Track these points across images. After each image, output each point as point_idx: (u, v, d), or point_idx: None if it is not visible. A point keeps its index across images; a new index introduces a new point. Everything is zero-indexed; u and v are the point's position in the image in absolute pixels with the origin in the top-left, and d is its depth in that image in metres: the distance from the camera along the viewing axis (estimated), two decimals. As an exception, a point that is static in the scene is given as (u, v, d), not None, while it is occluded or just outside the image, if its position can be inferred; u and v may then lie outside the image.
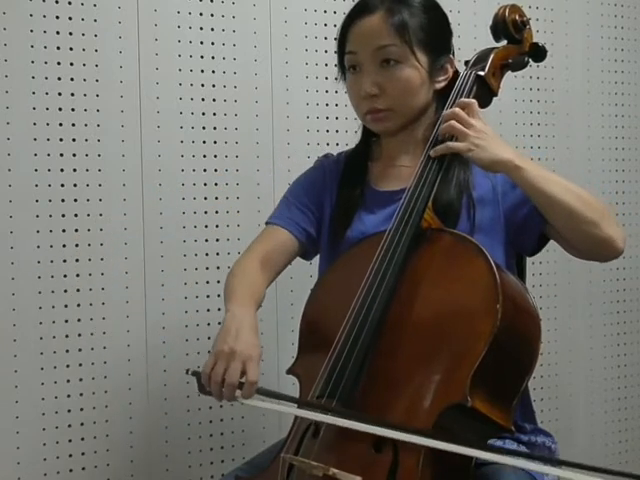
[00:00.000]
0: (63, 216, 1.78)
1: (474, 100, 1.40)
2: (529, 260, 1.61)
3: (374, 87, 1.45)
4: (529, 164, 1.32)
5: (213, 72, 1.91)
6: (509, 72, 1.54)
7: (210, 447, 1.93)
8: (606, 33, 2.37)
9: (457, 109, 1.36)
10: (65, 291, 1.78)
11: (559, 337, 2.31)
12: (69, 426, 1.79)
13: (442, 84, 1.50)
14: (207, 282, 1.91)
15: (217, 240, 1.91)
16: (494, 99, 1.51)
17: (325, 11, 2.03)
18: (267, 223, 1.57)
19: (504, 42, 1.53)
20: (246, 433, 1.96)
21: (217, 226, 1.92)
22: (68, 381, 1.79)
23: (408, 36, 1.43)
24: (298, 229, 1.55)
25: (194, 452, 1.91)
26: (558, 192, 1.31)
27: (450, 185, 1.43)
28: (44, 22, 1.75)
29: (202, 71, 1.90)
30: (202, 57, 1.90)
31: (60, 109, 1.77)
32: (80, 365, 1.79)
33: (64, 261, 1.78)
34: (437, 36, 1.48)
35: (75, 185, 1.79)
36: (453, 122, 1.34)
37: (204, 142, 1.91)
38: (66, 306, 1.78)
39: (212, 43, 1.91)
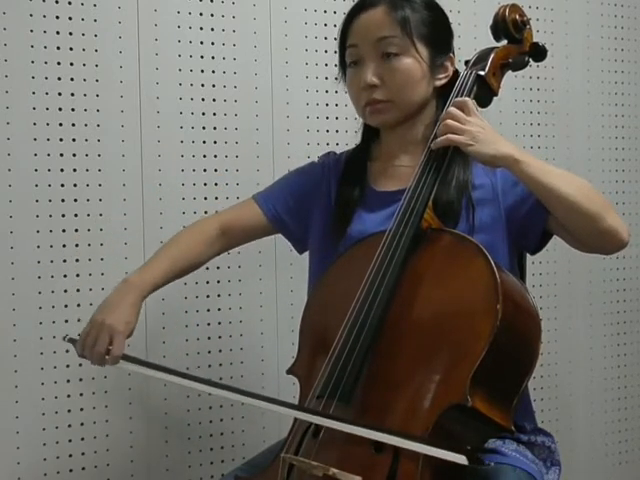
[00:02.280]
0: (63, 216, 1.78)
1: (468, 98, 1.40)
2: (529, 260, 1.61)
3: (374, 77, 1.45)
4: (529, 157, 1.32)
5: (213, 72, 1.92)
6: (509, 72, 1.54)
7: (210, 447, 1.93)
8: (606, 33, 2.37)
9: (452, 108, 1.37)
10: (65, 291, 1.78)
11: (559, 337, 2.31)
12: (69, 426, 1.79)
13: (442, 81, 1.50)
14: (207, 282, 1.92)
15: (217, 240, 1.91)
16: (494, 99, 1.51)
17: (325, 11, 2.03)
18: (253, 196, 1.63)
19: (504, 42, 1.53)
20: (246, 433, 1.96)
21: (217, 226, 1.91)
22: (68, 381, 1.79)
23: (409, 28, 1.44)
24: (271, 211, 1.59)
25: (194, 452, 1.91)
26: (560, 184, 1.31)
27: (450, 185, 1.43)
28: (44, 22, 1.75)
29: (202, 71, 1.90)
30: (202, 57, 1.90)
31: (60, 109, 1.77)
32: (80, 365, 1.79)
33: (64, 261, 1.78)
34: (438, 32, 1.49)
35: (75, 185, 1.79)
36: (449, 120, 1.34)
37: (204, 142, 1.91)
38: (66, 306, 1.78)
39: (212, 43, 1.91)
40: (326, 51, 2.01)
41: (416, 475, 1.15)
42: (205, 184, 1.91)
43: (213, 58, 1.92)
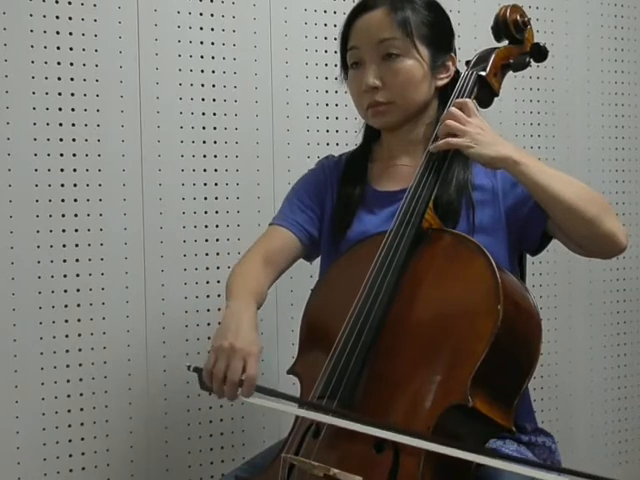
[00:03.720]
0: (63, 216, 1.78)
1: (469, 99, 1.40)
2: (529, 260, 1.61)
3: (376, 79, 1.45)
4: (529, 159, 1.32)
5: (213, 72, 1.91)
6: (510, 72, 1.54)
7: (210, 447, 1.93)
8: (606, 33, 2.37)
9: (453, 109, 1.37)
10: (65, 291, 1.78)
11: (559, 337, 2.31)
12: (69, 426, 1.79)
13: (444, 81, 1.50)
14: (207, 282, 1.91)
15: (217, 240, 1.91)
16: (495, 99, 1.51)
17: (325, 11, 2.03)
18: (270, 224, 1.58)
19: (505, 42, 1.53)
20: (246, 433, 1.96)
21: (217, 226, 1.91)
22: (68, 381, 1.79)
23: (410, 29, 1.44)
24: (301, 230, 1.55)
25: (194, 452, 1.91)
26: (558, 187, 1.31)
27: (450, 186, 1.43)
28: (44, 22, 1.75)
29: (202, 71, 1.90)
30: (202, 57, 1.90)
31: (60, 109, 1.77)
32: (80, 365, 1.79)
33: (64, 261, 1.78)
34: (439, 33, 1.49)
35: (75, 185, 1.79)
36: (450, 121, 1.34)
37: (204, 142, 1.91)
38: (66, 306, 1.78)
39: (212, 43, 1.91)
40: (326, 51, 2.01)
41: (417, 475, 1.15)
42: (205, 184, 1.91)
43: (213, 58, 1.91)
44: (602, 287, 2.37)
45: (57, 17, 1.76)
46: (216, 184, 1.92)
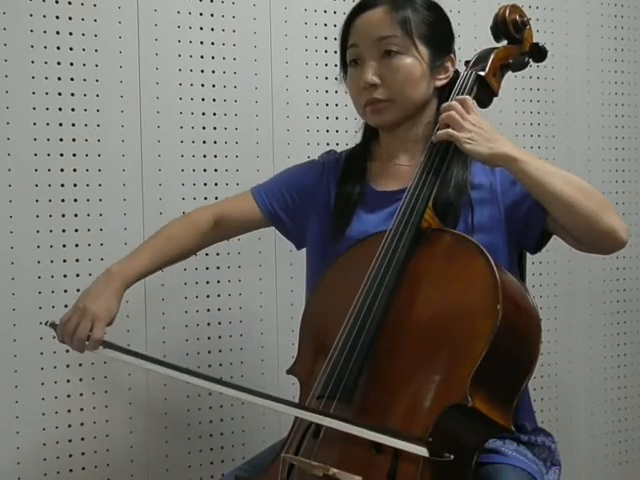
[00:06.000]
0: (63, 216, 1.78)
1: (468, 96, 1.40)
2: (529, 260, 1.61)
3: (375, 77, 1.45)
4: (528, 156, 1.32)
5: (213, 72, 1.92)
6: (509, 72, 1.54)
7: (210, 447, 1.93)
8: (606, 33, 2.37)
9: (454, 102, 1.37)
10: (65, 291, 1.78)
11: (559, 337, 2.31)
12: (69, 426, 1.79)
13: (442, 82, 1.50)
14: (207, 282, 1.92)
15: (217, 240, 1.91)
16: (494, 99, 1.51)
17: (325, 11, 2.03)
18: (251, 190, 1.63)
19: (504, 42, 1.53)
20: (246, 433, 1.96)
21: (217, 226, 1.91)
22: (68, 381, 1.79)
23: (410, 27, 1.44)
24: (267, 207, 1.60)
25: (194, 452, 1.91)
26: (558, 184, 1.31)
27: (449, 186, 1.43)
28: (44, 22, 1.75)
29: (202, 71, 1.90)
30: (202, 57, 1.90)
31: (60, 109, 1.77)
32: (80, 365, 1.79)
33: (64, 261, 1.78)
34: (439, 33, 1.49)
35: (75, 185, 1.79)
36: (452, 112, 1.34)
37: (204, 142, 1.91)
38: (66, 306, 1.77)
39: (212, 43, 1.91)
40: (326, 51, 2.01)
41: (416, 475, 1.15)
42: (205, 184, 1.91)
43: (213, 58, 1.92)
44: (602, 287, 2.37)
45: (57, 17, 1.77)
46: (216, 184, 1.92)
